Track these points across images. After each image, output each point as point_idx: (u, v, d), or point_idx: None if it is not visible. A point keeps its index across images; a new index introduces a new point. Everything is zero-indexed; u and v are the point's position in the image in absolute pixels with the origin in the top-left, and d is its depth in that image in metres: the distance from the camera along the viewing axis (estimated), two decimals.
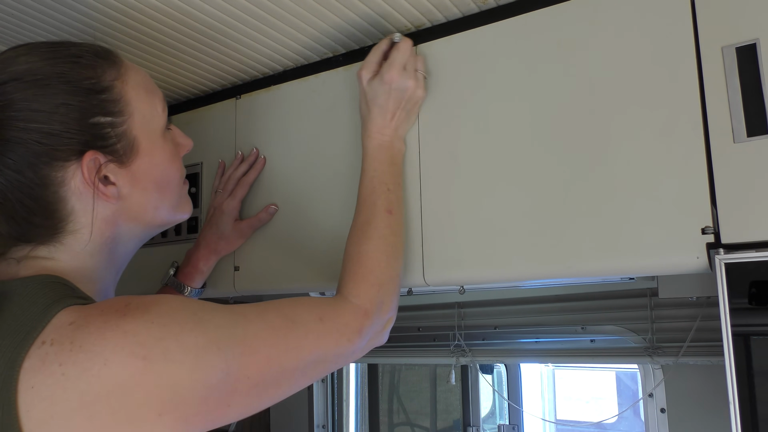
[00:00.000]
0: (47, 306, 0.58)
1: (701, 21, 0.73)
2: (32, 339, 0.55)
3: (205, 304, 0.63)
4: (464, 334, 1.46)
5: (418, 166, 0.91)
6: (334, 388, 1.72)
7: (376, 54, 0.89)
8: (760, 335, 0.64)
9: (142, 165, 0.70)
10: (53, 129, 0.63)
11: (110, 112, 0.66)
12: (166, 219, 0.76)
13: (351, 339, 0.74)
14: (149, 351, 0.56)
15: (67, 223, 0.66)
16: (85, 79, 0.65)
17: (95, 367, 0.54)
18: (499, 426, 1.68)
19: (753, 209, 0.68)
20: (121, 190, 0.68)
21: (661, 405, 1.22)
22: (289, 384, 0.68)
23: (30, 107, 0.62)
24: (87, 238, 0.67)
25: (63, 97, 0.63)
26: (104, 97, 0.66)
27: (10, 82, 0.62)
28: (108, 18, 0.91)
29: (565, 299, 1.35)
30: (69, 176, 0.64)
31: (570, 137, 0.80)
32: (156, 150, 0.72)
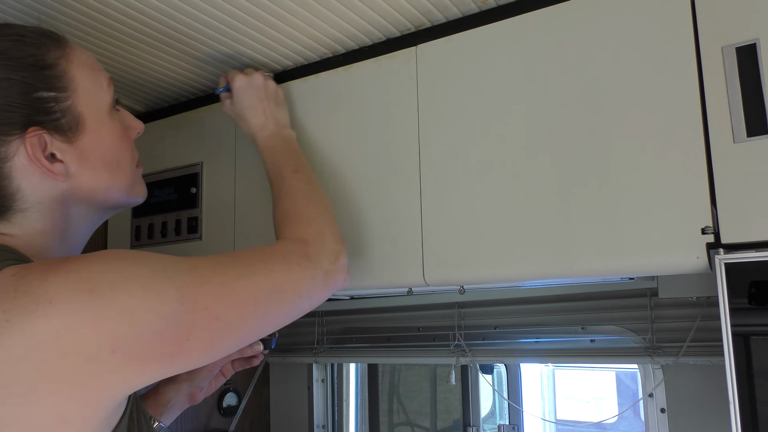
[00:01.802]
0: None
1: (701, 21, 0.73)
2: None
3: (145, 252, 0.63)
4: (464, 334, 1.46)
5: (418, 166, 0.91)
6: (334, 388, 1.72)
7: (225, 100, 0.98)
8: (760, 335, 0.64)
9: (90, 142, 0.69)
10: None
11: (54, 88, 0.66)
12: (119, 201, 0.75)
13: (301, 264, 0.73)
14: (95, 284, 0.55)
15: (14, 200, 0.65)
16: (28, 56, 0.65)
17: (40, 307, 0.53)
18: (499, 426, 1.68)
19: (753, 209, 0.68)
20: (68, 167, 0.67)
21: (661, 405, 1.22)
22: (254, 318, 0.66)
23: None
24: (38, 216, 0.66)
25: (4, 72, 0.63)
26: (48, 73, 0.66)
27: None
28: (108, 18, 0.91)
29: (565, 299, 1.35)
30: (12, 152, 0.64)
31: (570, 137, 0.80)
32: (103, 128, 0.71)
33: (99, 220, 0.75)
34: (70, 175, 0.68)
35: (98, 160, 0.70)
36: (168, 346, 0.58)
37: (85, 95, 0.69)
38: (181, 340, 0.59)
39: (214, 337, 0.62)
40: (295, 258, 0.73)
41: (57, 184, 0.67)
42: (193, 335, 0.59)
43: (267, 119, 0.94)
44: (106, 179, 0.71)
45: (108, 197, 0.72)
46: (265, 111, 0.94)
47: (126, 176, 0.75)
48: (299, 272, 0.73)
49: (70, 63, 0.68)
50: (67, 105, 0.67)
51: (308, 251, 0.76)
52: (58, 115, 0.66)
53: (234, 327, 0.64)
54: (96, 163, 0.70)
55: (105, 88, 0.72)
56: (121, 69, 1.07)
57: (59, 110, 0.66)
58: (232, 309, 0.63)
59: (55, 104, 0.66)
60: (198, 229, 1.13)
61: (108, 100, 0.73)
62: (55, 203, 0.67)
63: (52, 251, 0.69)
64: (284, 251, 0.74)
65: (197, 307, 0.60)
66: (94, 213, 0.73)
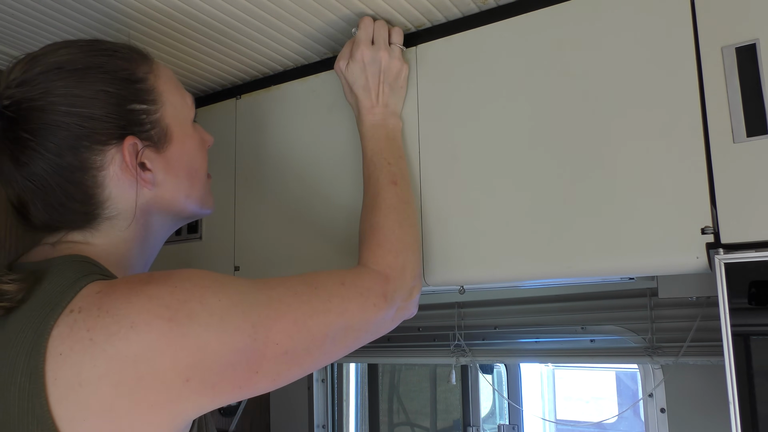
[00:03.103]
0: (77, 279, 0.59)
1: (701, 21, 0.73)
2: (61, 308, 0.56)
3: (225, 275, 0.64)
4: (464, 334, 1.46)
5: (418, 166, 0.91)
6: (334, 388, 1.72)
7: (346, 47, 0.90)
8: (760, 335, 0.64)
9: (175, 152, 0.72)
10: (93, 113, 0.65)
11: (145, 101, 0.69)
12: (194, 211, 0.78)
13: (377, 304, 0.73)
14: (175, 313, 0.56)
15: (104, 209, 0.67)
16: (121, 70, 0.68)
17: (122, 330, 0.54)
18: (499, 426, 1.68)
19: (753, 209, 0.68)
20: (156, 176, 0.70)
21: (661, 405, 1.22)
22: (320, 352, 0.67)
23: (71, 93, 0.64)
24: (124, 224, 0.69)
25: (102, 84, 0.66)
26: (139, 87, 0.69)
27: (52, 71, 0.65)
28: (108, 18, 0.91)
29: (565, 299, 1.35)
30: (108, 161, 0.66)
31: (570, 137, 0.80)
32: (186, 138, 0.74)
33: (172, 229, 0.78)
34: (157, 184, 0.70)
35: (181, 169, 0.73)
36: (239, 378, 0.60)
37: (171, 109, 0.72)
38: (251, 373, 0.60)
39: (281, 370, 0.63)
40: (372, 297, 0.73)
41: (144, 192, 0.69)
42: (263, 368, 0.61)
43: (377, 104, 0.88)
44: (186, 188, 0.74)
45: (186, 206, 0.75)
46: (379, 94, 0.88)
47: (202, 186, 0.78)
48: (373, 312, 0.73)
49: (158, 78, 0.72)
50: (156, 117, 0.70)
51: (386, 290, 0.75)
52: (149, 126, 0.69)
53: (300, 361, 0.65)
54: (179, 172, 0.73)
55: (187, 102, 0.76)
56: None
57: (149, 122, 0.69)
58: (300, 345, 0.64)
59: (146, 116, 0.69)
60: (198, 229, 1.13)
61: (191, 114, 0.77)
62: (140, 211, 0.70)
63: (131, 259, 0.71)
64: (363, 287, 0.73)
65: (268, 343, 0.61)
66: (171, 222, 0.76)
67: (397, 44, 0.89)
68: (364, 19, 0.89)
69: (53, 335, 0.55)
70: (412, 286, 0.80)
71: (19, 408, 0.55)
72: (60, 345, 0.55)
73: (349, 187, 0.97)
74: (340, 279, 0.72)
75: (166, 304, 0.56)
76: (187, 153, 0.74)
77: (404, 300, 0.78)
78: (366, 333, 0.74)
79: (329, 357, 0.69)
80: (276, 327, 0.62)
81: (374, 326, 0.74)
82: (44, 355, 0.55)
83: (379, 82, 0.88)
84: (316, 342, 0.66)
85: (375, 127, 0.88)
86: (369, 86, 0.88)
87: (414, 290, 0.80)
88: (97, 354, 0.54)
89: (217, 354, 0.57)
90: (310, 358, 0.66)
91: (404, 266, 0.79)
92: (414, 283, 0.80)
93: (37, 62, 0.65)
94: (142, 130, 0.68)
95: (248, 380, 0.61)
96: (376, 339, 0.77)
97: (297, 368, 0.65)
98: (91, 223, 0.68)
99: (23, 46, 0.98)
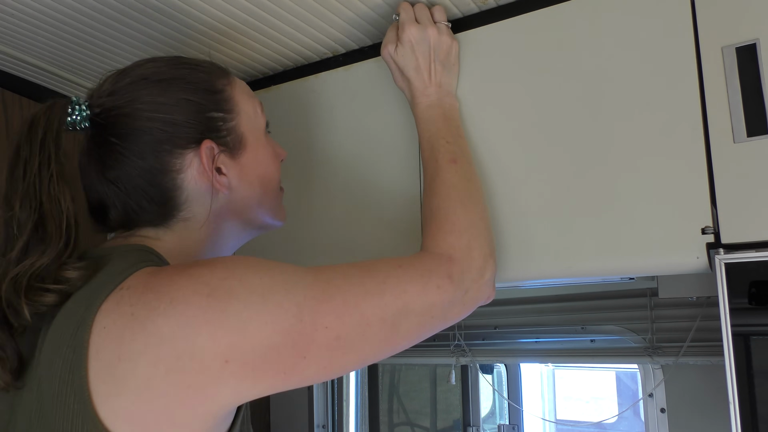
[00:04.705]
0: (135, 263, 0.61)
1: (701, 21, 0.73)
2: (113, 286, 0.58)
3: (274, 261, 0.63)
4: (464, 334, 1.46)
5: (418, 165, 0.91)
6: (334, 388, 1.72)
7: (390, 31, 0.88)
8: (760, 335, 0.64)
9: (249, 159, 0.74)
10: (175, 119, 0.69)
11: (223, 109, 0.73)
12: (265, 221, 0.78)
13: (440, 286, 0.68)
14: (213, 290, 0.56)
15: (180, 210, 0.70)
16: (202, 81, 0.73)
17: (161, 305, 0.55)
18: (499, 426, 1.68)
19: (753, 209, 0.68)
20: (231, 181, 0.72)
21: (661, 405, 1.22)
22: (379, 339, 0.63)
23: (155, 100, 0.69)
24: (196, 226, 0.70)
25: (184, 93, 0.70)
26: (218, 97, 0.73)
27: (139, 81, 0.70)
28: (108, 18, 0.91)
29: (565, 299, 1.35)
30: (187, 164, 0.69)
31: (570, 137, 0.80)
32: (260, 147, 0.76)
33: (244, 238, 0.78)
34: (232, 188, 0.72)
35: (255, 176, 0.75)
36: (284, 363, 0.57)
37: (246, 118, 0.75)
38: (297, 358, 0.58)
39: (334, 357, 0.60)
40: (434, 278, 0.68)
41: (219, 196, 0.71)
42: (311, 353, 0.58)
43: (430, 84, 0.85)
44: (259, 195, 0.75)
45: (257, 215, 0.76)
46: (431, 74, 0.85)
47: (274, 195, 0.79)
48: (436, 295, 0.68)
49: (234, 90, 0.75)
50: (232, 125, 0.73)
51: (452, 271, 0.70)
52: (225, 133, 0.72)
53: (355, 348, 0.61)
54: (253, 179, 0.74)
55: (260, 113, 0.78)
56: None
57: (226, 129, 0.72)
58: (354, 330, 0.61)
59: (223, 123, 0.72)
60: None
61: (263, 124, 0.79)
62: (213, 215, 0.71)
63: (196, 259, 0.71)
64: (424, 269, 0.69)
65: (316, 326, 0.58)
66: (242, 230, 0.77)
67: (443, 21, 0.86)
68: (402, 3, 0.87)
69: (101, 310, 0.56)
70: (483, 267, 0.74)
71: (60, 381, 0.55)
72: (105, 319, 0.56)
73: (349, 187, 0.97)
74: (397, 263, 0.68)
75: (206, 282, 0.56)
76: (260, 161, 0.76)
77: (475, 281, 0.72)
78: (433, 318, 0.68)
79: (393, 345, 0.65)
80: (324, 308, 0.59)
81: (442, 310, 0.69)
82: (90, 328, 0.55)
83: (430, 62, 0.84)
84: (372, 327, 0.62)
85: (430, 107, 0.84)
86: (420, 67, 0.84)
87: (486, 271, 0.74)
88: (136, 329, 0.54)
89: (257, 334, 0.55)
90: (368, 346, 0.62)
91: (470, 246, 0.73)
92: (483, 262, 0.74)
93: (126, 75, 0.70)
94: (219, 136, 0.71)
95: (294, 366, 0.58)
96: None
97: (353, 356, 0.62)
98: (167, 222, 0.70)
99: (23, 46, 0.98)
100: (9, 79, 1.09)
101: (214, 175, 0.70)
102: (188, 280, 0.56)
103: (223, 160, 0.71)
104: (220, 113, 0.72)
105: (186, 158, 0.69)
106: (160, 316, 0.54)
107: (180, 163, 0.69)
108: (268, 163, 0.77)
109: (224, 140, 0.72)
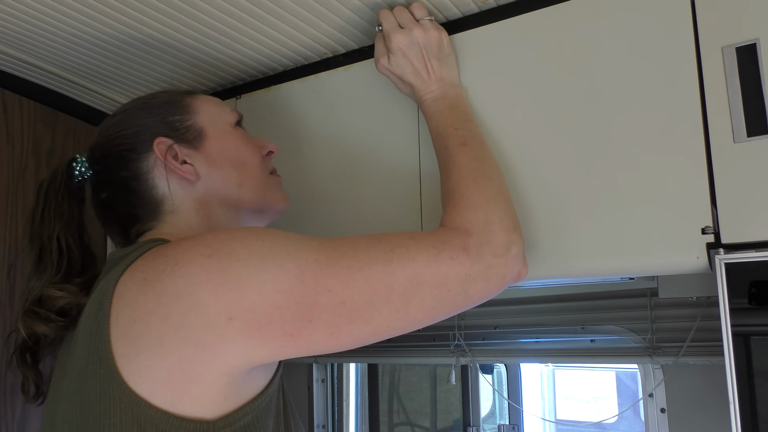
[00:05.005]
0: (147, 245, 0.67)
1: (701, 21, 0.73)
2: (130, 262, 0.63)
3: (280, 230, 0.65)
4: (464, 334, 1.46)
5: (418, 165, 0.91)
6: (334, 388, 1.72)
7: (378, 43, 0.89)
8: (760, 335, 0.64)
9: (213, 146, 0.79)
10: (136, 130, 0.77)
11: (179, 112, 0.79)
12: (255, 203, 0.81)
13: (454, 257, 0.67)
14: (215, 250, 0.59)
15: (164, 204, 0.76)
16: (164, 98, 0.81)
17: (168, 267, 0.59)
18: (499, 426, 1.68)
19: (753, 209, 0.68)
20: (198, 169, 0.77)
21: (661, 405, 1.22)
22: (389, 308, 0.62)
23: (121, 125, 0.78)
24: (185, 215, 0.76)
25: (145, 111, 0.79)
26: (176, 104, 0.80)
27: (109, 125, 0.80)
28: (109, 18, 0.91)
29: (565, 299, 1.35)
30: (150, 164, 0.76)
31: (570, 137, 0.80)
32: (224, 135, 0.81)
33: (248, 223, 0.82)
34: (201, 176, 0.77)
35: (224, 159, 0.79)
36: (288, 325, 0.59)
37: (206, 116, 0.80)
38: (302, 321, 0.59)
39: (340, 323, 0.60)
40: (448, 249, 0.67)
41: (194, 185, 0.77)
42: (315, 317, 0.59)
43: (431, 81, 0.85)
44: (236, 177, 0.79)
45: (242, 197, 0.80)
46: (429, 72, 0.85)
47: (256, 177, 0.82)
48: (449, 266, 0.66)
49: (195, 99, 0.82)
50: (190, 123, 0.79)
51: (468, 243, 0.68)
52: (183, 130, 0.78)
53: (364, 315, 0.61)
54: (222, 163, 0.79)
55: (227, 111, 0.84)
56: (122, 70, 1.07)
57: (184, 127, 0.78)
58: (359, 295, 0.61)
59: (180, 123, 0.78)
60: None
61: (230, 119, 0.83)
62: (197, 203, 0.77)
63: None
64: (437, 240, 0.68)
65: (319, 288, 0.59)
66: (235, 215, 0.80)
67: (424, 17, 0.86)
68: (381, 12, 0.87)
69: (120, 281, 0.61)
70: (506, 241, 0.71)
71: (87, 351, 0.60)
72: (122, 287, 0.60)
73: (349, 187, 0.97)
74: (410, 235, 0.68)
75: (208, 244, 0.60)
76: (226, 146, 0.80)
77: (498, 256, 0.70)
78: (450, 292, 0.67)
79: (407, 317, 0.64)
80: (326, 272, 0.60)
81: (460, 284, 0.67)
82: (111, 299, 0.60)
83: (425, 61, 0.85)
84: (379, 294, 0.62)
85: (436, 101, 0.85)
86: (417, 69, 0.85)
87: (512, 245, 0.71)
88: (148, 290, 0.58)
89: (258, 292, 0.58)
90: (377, 315, 0.62)
91: (488, 219, 0.71)
92: (506, 236, 0.71)
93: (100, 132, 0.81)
94: (177, 134, 0.77)
95: (300, 329, 0.59)
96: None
97: (362, 324, 0.62)
98: (159, 216, 0.76)
99: (23, 46, 0.98)
100: (9, 79, 1.09)
101: (177, 164, 0.75)
102: (192, 243, 0.61)
103: (185, 153, 0.77)
104: (177, 116, 0.79)
105: (149, 160, 0.76)
106: (167, 277, 0.58)
107: (145, 165, 0.76)
108: (238, 147, 0.81)
109: (182, 136, 0.78)
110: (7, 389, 1.05)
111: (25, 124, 1.13)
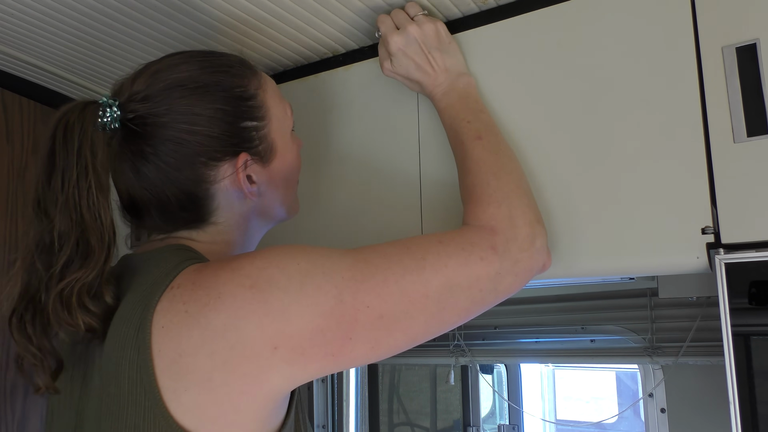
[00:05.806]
0: (180, 262, 0.63)
1: (701, 21, 0.73)
2: (165, 286, 0.60)
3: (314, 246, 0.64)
4: (464, 334, 1.46)
5: (418, 165, 0.91)
6: (334, 388, 1.72)
7: (381, 49, 0.89)
8: (760, 335, 0.64)
9: (278, 165, 0.75)
10: (212, 131, 0.69)
11: (255, 117, 0.72)
12: (283, 216, 0.79)
13: (484, 257, 0.67)
14: (255, 280, 0.58)
15: (212, 216, 0.71)
16: (236, 87, 0.72)
17: (211, 301, 0.57)
18: (499, 426, 1.68)
19: (753, 209, 0.68)
20: (260, 188, 0.73)
21: (661, 405, 1.22)
22: (425, 316, 0.63)
23: (192, 111, 0.68)
24: (226, 229, 0.72)
25: (219, 102, 0.70)
26: (251, 104, 0.72)
27: (174, 88, 0.68)
28: (109, 18, 0.91)
29: (565, 299, 1.35)
30: (220, 175, 0.70)
31: (570, 137, 0.80)
32: (288, 152, 0.77)
33: (263, 233, 0.80)
34: (260, 194, 0.73)
35: (282, 180, 0.76)
36: (330, 345, 0.58)
37: (276, 123, 0.75)
38: (343, 339, 0.59)
39: (380, 337, 0.61)
40: (477, 251, 0.67)
41: (248, 202, 0.73)
42: (356, 334, 0.59)
43: (436, 74, 0.85)
44: (282, 195, 0.77)
45: (279, 213, 0.78)
46: (433, 65, 0.84)
47: (294, 191, 0.80)
48: (480, 267, 0.66)
49: (266, 93, 0.75)
50: (264, 132, 0.73)
51: (495, 242, 0.68)
52: (257, 142, 0.72)
53: (401, 326, 0.62)
54: (279, 183, 0.75)
55: (289, 115, 0.79)
56: (123, 70, 1.07)
57: (258, 138, 0.72)
58: (396, 307, 0.61)
59: (256, 132, 0.72)
60: None
61: (290, 126, 0.79)
62: (242, 218, 0.73)
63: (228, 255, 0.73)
64: (465, 242, 0.67)
65: (357, 306, 0.59)
66: (265, 226, 0.79)
67: (418, 13, 0.86)
68: (378, 18, 0.88)
69: (157, 310, 0.59)
70: (531, 234, 0.71)
71: (129, 380, 0.58)
72: (162, 318, 0.58)
73: (349, 187, 0.97)
74: (437, 238, 0.67)
75: (247, 274, 0.58)
76: (287, 165, 0.76)
77: (524, 250, 0.70)
78: (482, 292, 0.67)
79: (443, 321, 0.65)
80: (363, 288, 0.60)
81: (491, 282, 0.67)
82: (150, 328, 0.58)
83: (426, 55, 0.84)
84: (415, 304, 0.62)
85: (446, 95, 0.84)
86: (420, 65, 0.85)
87: (536, 238, 0.72)
88: (192, 325, 0.57)
89: (300, 318, 0.57)
90: (414, 323, 0.62)
91: (511, 214, 0.71)
92: (529, 230, 0.71)
93: (159, 77, 0.69)
94: (251, 146, 0.71)
95: (341, 347, 0.59)
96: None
97: (400, 334, 0.62)
98: (199, 225, 0.71)
99: (23, 46, 0.98)
100: (9, 79, 1.09)
101: (247, 185, 0.71)
102: (231, 274, 0.59)
103: (254, 169, 0.72)
104: (253, 122, 0.72)
105: (221, 170, 0.70)
106: (211, 311, 0.57)
107: (214, 174, 0.69)
108: (294, 164, 0.78)
109: (256, 149, 0.72)
110: (7, 389, 1.05)
111: (25, 124, 1.13)
